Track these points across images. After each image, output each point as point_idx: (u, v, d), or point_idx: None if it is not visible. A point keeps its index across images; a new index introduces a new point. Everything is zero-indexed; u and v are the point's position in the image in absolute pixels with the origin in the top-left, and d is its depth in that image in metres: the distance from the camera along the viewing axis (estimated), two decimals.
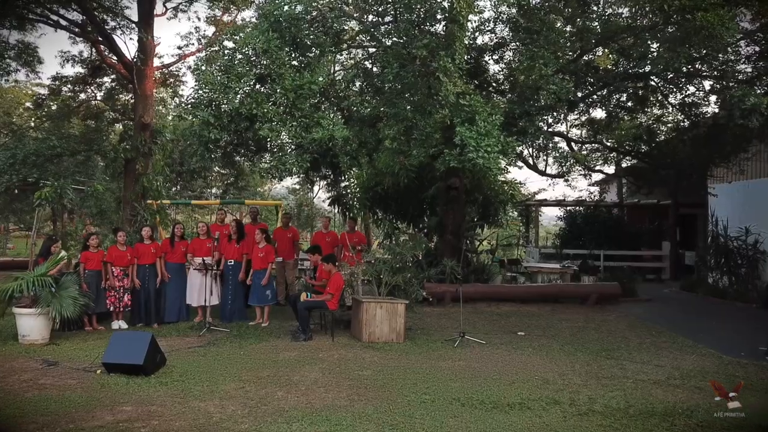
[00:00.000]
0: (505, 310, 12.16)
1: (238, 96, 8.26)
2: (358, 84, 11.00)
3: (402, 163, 14.13)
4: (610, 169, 18.15)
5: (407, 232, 15.55)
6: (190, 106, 8.30)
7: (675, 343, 9.14)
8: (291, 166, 8.33)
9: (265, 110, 7.93)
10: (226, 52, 8.27)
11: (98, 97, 16.37)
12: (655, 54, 9.54)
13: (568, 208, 20.11)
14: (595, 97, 11.92)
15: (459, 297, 9.61)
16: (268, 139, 8.12)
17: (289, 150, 8.55)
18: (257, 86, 8.71)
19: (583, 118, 14.95)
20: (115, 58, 13.89)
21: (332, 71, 11.05)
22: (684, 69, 9.58)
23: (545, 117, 10.56)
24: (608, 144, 15.18)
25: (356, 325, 9.19)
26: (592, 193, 20.97)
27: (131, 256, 9.65)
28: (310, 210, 26.50)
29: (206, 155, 8.90)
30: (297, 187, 29.73)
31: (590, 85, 11.14)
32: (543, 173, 15.29)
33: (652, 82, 11.74)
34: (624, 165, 17.86)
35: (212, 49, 8.26)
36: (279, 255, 11.68)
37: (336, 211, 11.71)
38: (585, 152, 16.04)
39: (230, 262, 10.24)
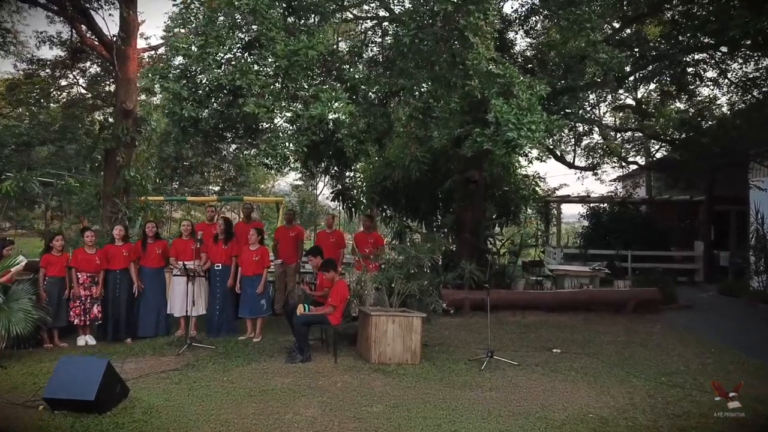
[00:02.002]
0: (532, 321, 10.70)
1: (220, 65, 6.82)
2: (365, 57, 9.50)
3: (413, 154, 12.73)
4: (642, 161, 16.59)
5: (419, 231, 14.11)
6: (158, 75, 6.88)
7: (743, 365, 7.67)
8: (283, 150, 6.88)
9: (252, 81, 6.50)
10: (202, 11, 6.79)
11: (81, 83, 15.00)
12: (714, 24, 8.02)
13: (592, 205, 18.61)
14: (645, 71, 10.38)
15: (486, 307, 8.15)
16: (257, 118, 6.66)
17: (282, 132, 7.08)
18: (243, 55, 7.27)
19: (627, 100, 13.41)
20: (95, 38, 12.48)
21: (335, 42, 9.55)
22: None
23: (590, 94, 9.04)
24: (649, 131, 13.63)
25: (363, 342, 7.76)
26: (622, 188, 19.43)
27: (100, 260, 8.25)
28: (313, 207, 25.03)
29: (181, 138, 7.49)
30: (300, 183, 28.29)
31: (640, 59, 9.62)
32: (571, 165, 13.81)
33: (710, 56, 10.14)
34: (659, 156, 16.30)
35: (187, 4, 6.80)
36: (280, 257, 10.29)
37: (341, 207, 10.26)
38: (618, 141, 14.51)
39: (217, 266, 8.84)
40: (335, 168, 10.71)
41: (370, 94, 8.53)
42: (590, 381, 6.84)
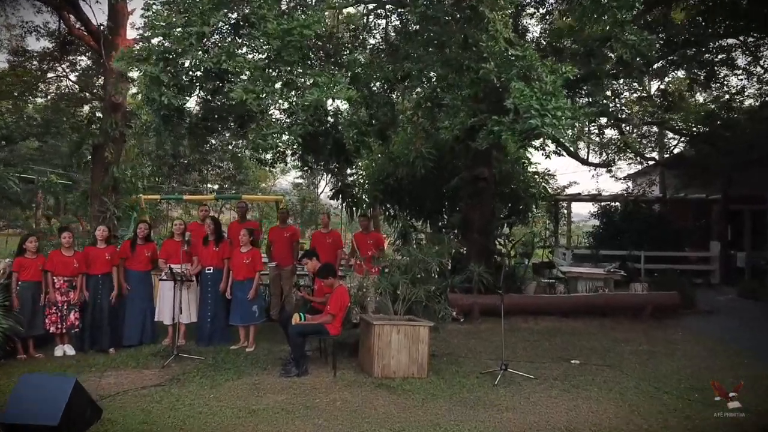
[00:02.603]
0: (545, 327, 10.04)
1: (205, 46, 6.13)
2: (368, 44, 8.77)
3: (418, 150, 12.07)
4: (657, 157, 15.82)
5: (424, 231, 13.45)
6: (134, 59, 6.18)
7: None
8: (275, 140, 6.19)
9: (240, 64, 5.82)
10: None
11: (71, 77, 14.33)
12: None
13: (603, 204, 17.89)
14: (673, 57, 9.62)
15: (500, 314, 7.48)
16: (247, 107, 5.96)
17: (275, 120, 6.36)
18: (231, 35, 6.58)
19: (653, 87, 12.58)
20: (83, 28, 11.84)
21: (335, 26, 8.84)
22: None
23: (613, 82, 8.32)
24: (669, 125, 12.89)
25: (365, 353, 7.11)
26: (637, 186, 18.69)
27: (79, 263, 7.59)
28: (314, 206, 24.32)
29: (162, 129, 6.81)
30: (301, 181, 27.62)
31: (667, 44, 8.88)
32: (585, 162, 13.10)
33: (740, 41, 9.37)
34: (676, 152, 15.55)
35: None
36: (274, 259, 9.63)
37: (341, 205, 9.55)
38: (635, 136, 13.74)
39: (208, 269, 8.18)
40: (335, 163, 10.02)
41: (373, 81, 7.82)
42: (616, 398, 6.17)
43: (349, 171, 12.02)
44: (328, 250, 9.42)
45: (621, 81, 9.19)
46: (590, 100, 7.45)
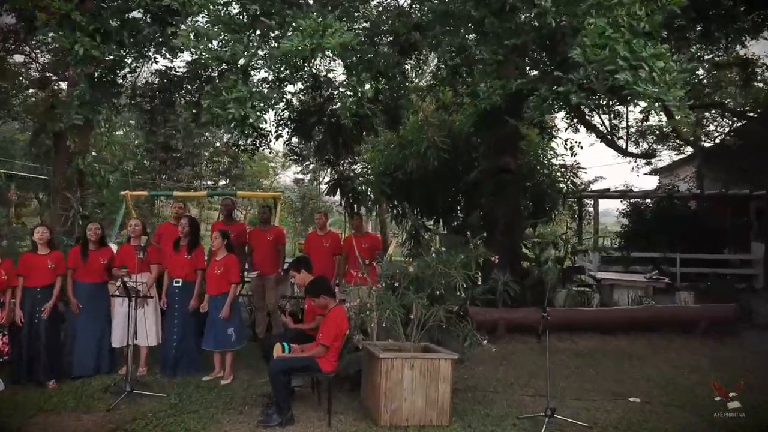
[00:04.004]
0: (586, 348, 8.45)
1: None
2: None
3: (431, 139, 10.49)
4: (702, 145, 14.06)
5: (438, 232, 11.87)
6: None
7: None
8: (241, 110, 4.56)
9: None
10: None
11: (42, 61, 12.72)
12: None
13: (633, 201, 16.24)
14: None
15: (543, 341, 5.90)
16: (202, 61, 4.39)
17: (239, 80, 4.73)
18: None
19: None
20: None
21: None
22: None
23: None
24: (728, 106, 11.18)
25: (370, 392, 5.53)
26: (675, 180, 17.02)
27: (8, 274, 6.04)
28: (315, 204, 22.65)
29: (89, 97, 5.22)
30: (301, 176, 26.03)
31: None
32: (625, 152, 11.46)
33: None
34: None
35: None
36: (256, 266, 8.06)
37: (341, 202, 7.95)
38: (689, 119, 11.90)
39: (176, 281, 6.60)
40: (331, 151, 8.36)
41: (381, 38, 6.19)
42: None
43: (349, 161, 10.38)
44: (324, 257, 7.86)
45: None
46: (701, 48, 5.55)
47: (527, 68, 5.14)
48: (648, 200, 16.23)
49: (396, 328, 5.55)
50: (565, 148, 10.29)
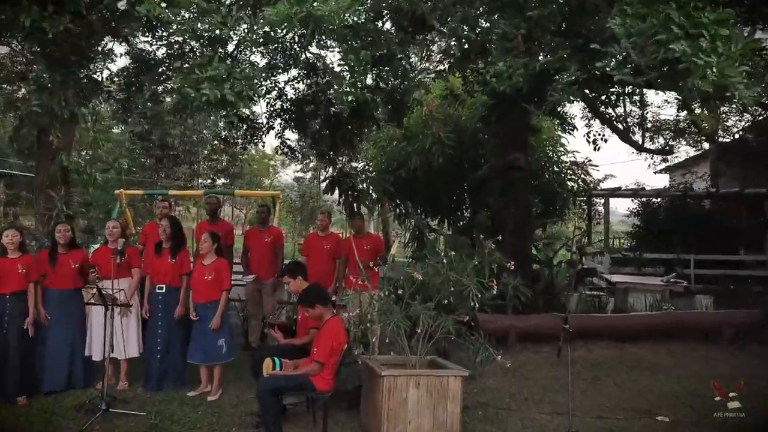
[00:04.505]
0: (601, 356, 7.86)
1: None
2: None
3: (436, 134, 9.94)
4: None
5: (441, 233, 11.32)
6: None
7: None
8: (213, 92, 3.99)
9: None
10: None
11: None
12: None
13: (643, 200, 15.62)
14: None
15: (559, 350, 5.33)
16: (161, 28, 3.83)
17: (215, 57, 4.15)
18: None
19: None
20: None
21: None
22: None
23: None
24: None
25: (370, 413, 4.98)
26: (689, 177, 16.36)
27: None
28: (315, 203, 22.05)
29: (46, 79, 4.63)
30: (301, 174, 25.45)
31: None
32: (641, 147, 10.87)
33: None
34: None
35: None
36: (252, 270, 7.52)
37: (340, 201, 7.38)
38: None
39: (160, 287, 6.05)
40: (327, 144, 7.73)
41: (384, 18, 5.57)
42: None
43: (348, 155, 9.79)
44: (324, 260, 7.33)
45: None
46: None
47: (553, 44, 4.54)
48: (659, 199, 15.61)
49: (399, 341, 4.99)
50: (589, 142, 9.67)
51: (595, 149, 8.88)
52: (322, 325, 4.81)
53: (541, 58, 4.38)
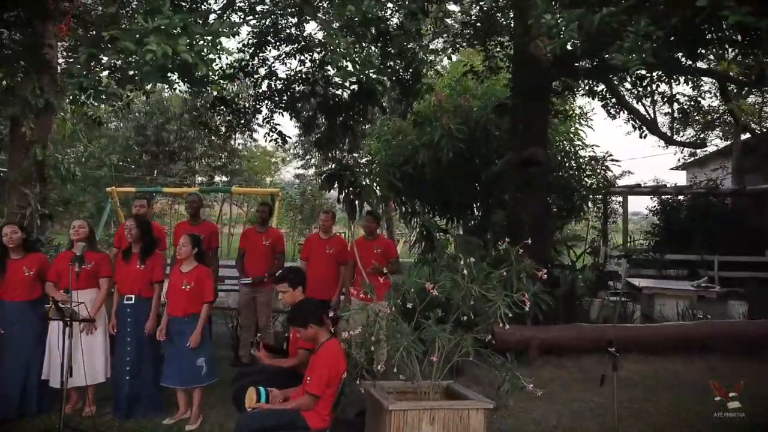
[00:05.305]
0: (634, 373, 7.00)
1: None
2: None
3: (445, 127, 9.13)
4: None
5: (451, 233, 10.50)
6: None
7: None
8: (162, 47, 3.13)
9: None
10: None
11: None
12: None
13: (663, 198, 14.78)
14: None
15: (602, 379, 4.50)
16: None
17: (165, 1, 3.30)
18: None
19: None
20: None
21: None
22: None
23: None
24: None
25: None
26: (725, 173, 15.47)
27: None
28: (316, 201, 21.16)
29: None
30: (302, 171, 24.58)
31: None
32: (671, 140, 10.03)
33: None
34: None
35: None
36: (250, 273, 6.71)
37: (339, 198, 6.55)
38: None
39: (128, 299, 5.22)
40: (322, 131, 6.85)
41: None
42: None
43: (348, 144, 8.94)
44: (325, 266, 6.55)
45: None
46: None
47: None
48: (680, 197, 14.77)
49: (410, 365, 4.16)
50: (635, 127, 8.78)
51: (641, 136, 8.04)
52: (317, 349, 3.98)
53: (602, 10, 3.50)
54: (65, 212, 8.88)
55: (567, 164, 10.93)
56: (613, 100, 8.59)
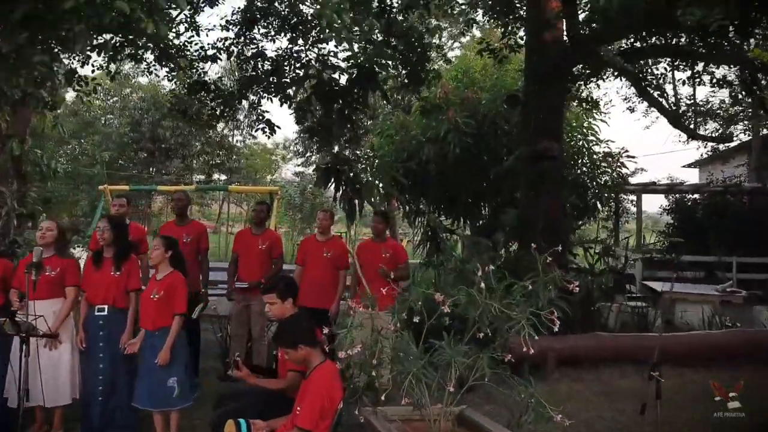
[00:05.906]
0: (666, 387, 6.42)
1: None
2: None
3: (452, 120, 8.59)
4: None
5: (459, 234, 9.92)
6: None
7: None
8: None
9: None
10: None
11: None
12: None
13: (679, 196, 14.18)
14: None
15: (643, 408, 3.93)
16: None
17: None
18: None
19: None
20: None
21: None
22: None
23: None
24: None
25: None
26: (749, 170, 14.89)
27: None
28: (315, 200, 20.57)
29: None
30: (302, 169, 24.02)
31: None
32: (694, 134, 9.45)
33: None
34: None
35: None
36: (243, 279, 6.11)
37: (336, 195, 5.98)
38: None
39: (100, 309, 4.63)
40: (318, 117, 6.24)
41: None
42: None
43: (347, 134, 8.35)
44: (322, 271, 5.96)
45: None
46: None
47: None
48: (696, 195, 14.18)
49: (419, 390, 3.56)
50: (669, 108, 8.21)
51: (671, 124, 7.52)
52: (309, 374, 3.39)
53: None
54: (48, 211, 8.27)
55: (580, 161, 10.38)
56: (646, 81, 8.02)
